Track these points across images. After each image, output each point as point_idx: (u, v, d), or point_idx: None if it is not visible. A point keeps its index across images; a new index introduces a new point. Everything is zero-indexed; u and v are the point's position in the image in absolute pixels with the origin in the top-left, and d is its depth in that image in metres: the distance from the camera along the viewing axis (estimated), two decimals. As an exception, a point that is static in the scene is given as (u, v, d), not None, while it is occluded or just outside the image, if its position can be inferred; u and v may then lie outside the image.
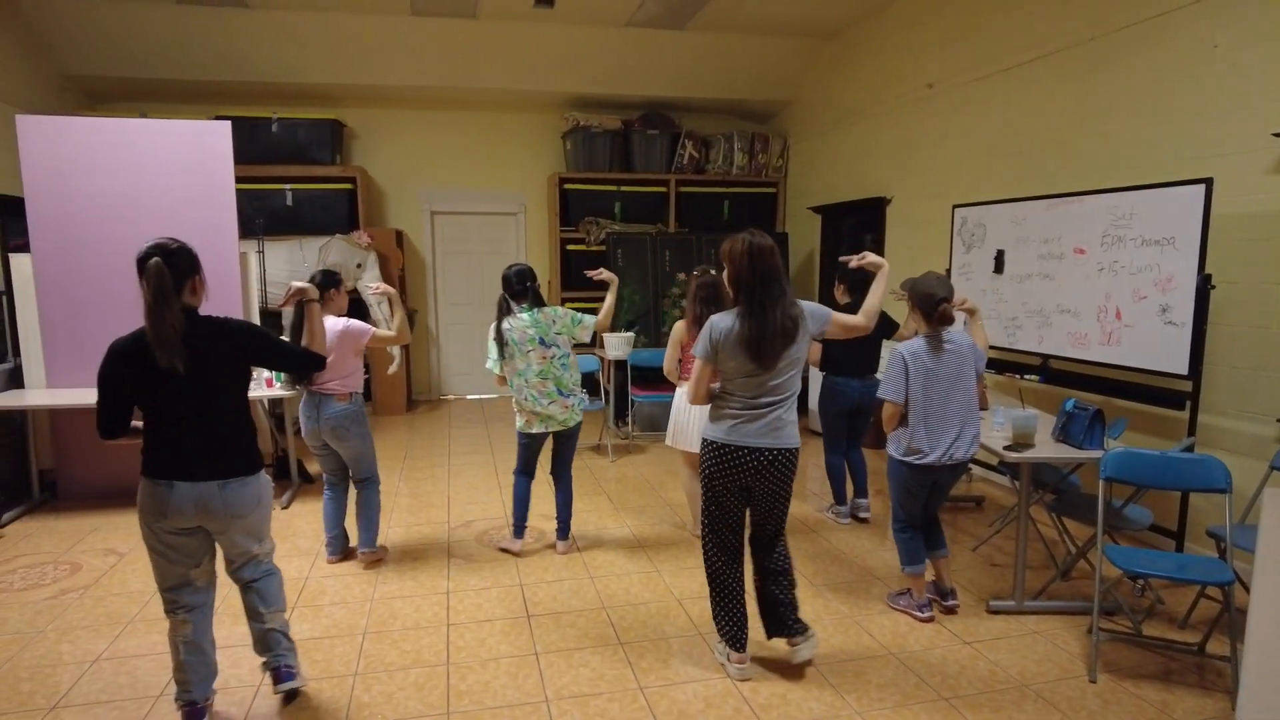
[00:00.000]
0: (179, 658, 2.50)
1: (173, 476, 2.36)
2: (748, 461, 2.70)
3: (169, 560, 2.45)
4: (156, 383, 2.33)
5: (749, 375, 2.67)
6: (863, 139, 6.87)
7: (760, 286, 2.63)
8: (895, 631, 3.24)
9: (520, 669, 2.92)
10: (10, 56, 6.03)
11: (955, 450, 3.15)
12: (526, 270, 3.89)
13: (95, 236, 4.77)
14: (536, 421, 3.88)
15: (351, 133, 8.00)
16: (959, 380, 3.15)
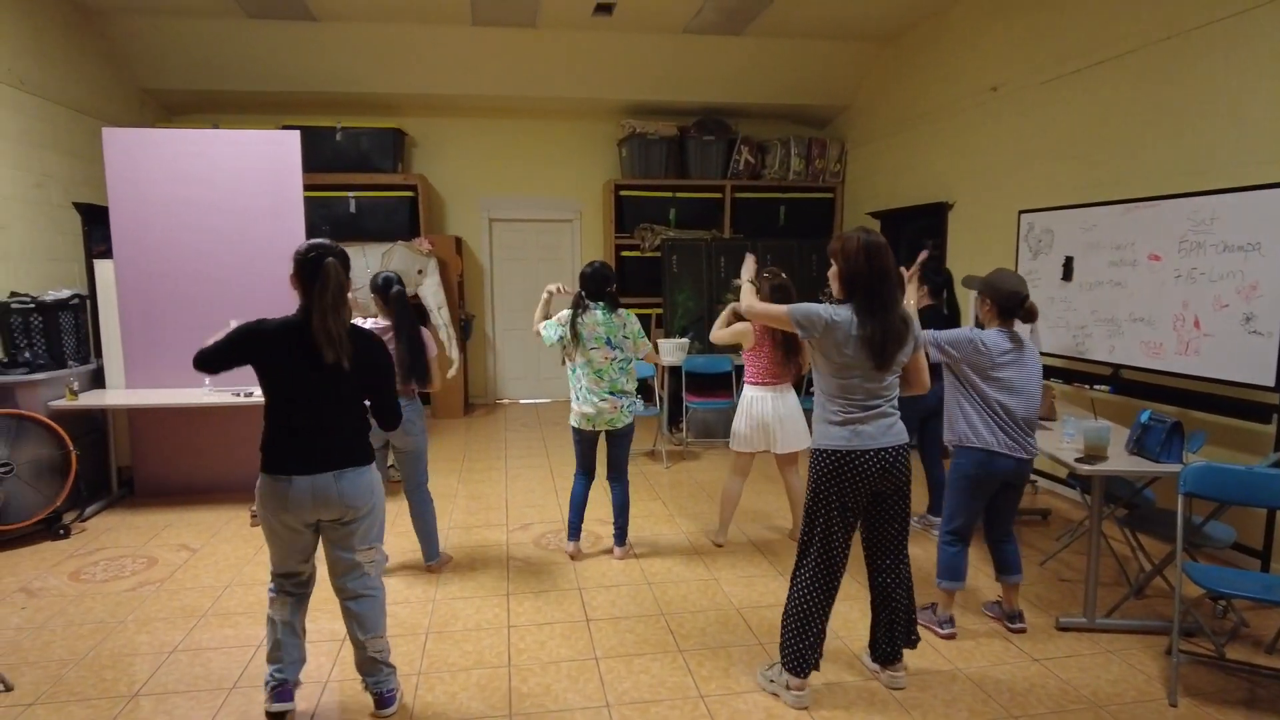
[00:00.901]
0: (275, 636, 2.61)
1: (291, 471, 2.45)
2: (873, 465, 2.60)
3: (281, 550, 2.57)
4: (297, 374, 2.45)
5: (865, 376, 2.59)
6: (923, 143, 6.76)
7: (879, 285, 2.55)
8: (960, 647, 3.16)
9: (581, 673, 2.94)
10: (96, 73, 6.31)
11: (1022, 441, 3.04)
12: (606, 271, 3.93)
13: (172, 243, 4.96)
14: (585, 419, 3.92)
15: (412, 141, 8.16)
16: (1029, 384, 3.06)
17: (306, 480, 2.45)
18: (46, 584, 3.79)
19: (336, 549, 2.59)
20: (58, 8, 5.79)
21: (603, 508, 4.65)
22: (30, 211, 5.40)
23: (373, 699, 2.69)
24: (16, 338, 4.93)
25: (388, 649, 2.71)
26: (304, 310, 2.47)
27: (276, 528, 2.52)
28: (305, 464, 2.46)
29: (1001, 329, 3.09)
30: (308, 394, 2.47)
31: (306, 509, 2.47)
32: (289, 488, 2.44)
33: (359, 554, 2.60)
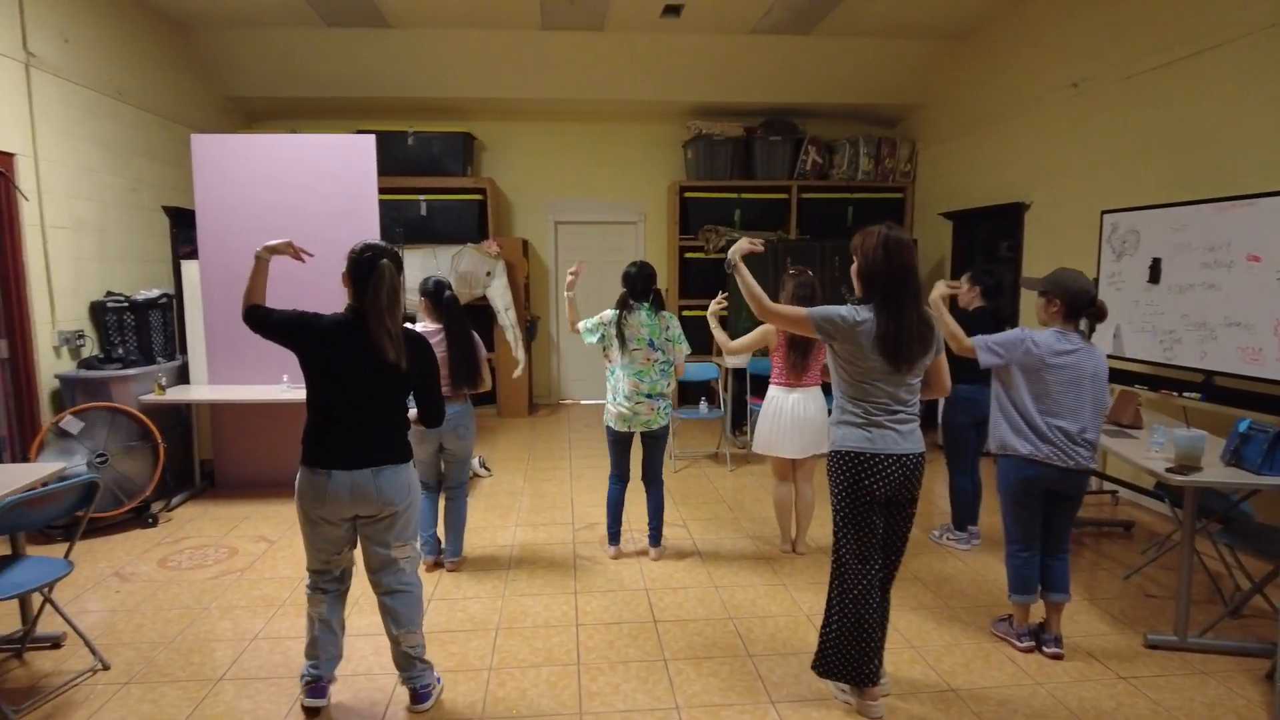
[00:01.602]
0: (313, 633, 2.67)
1: (331, 465, 2.49)
2: (894, 471, 2.52)
3: (317, 547, 2.62)
4: (345, 370, 2.50)
5: (886, 378, 2.52)
6: (999, 142, 6.57)
7: (897, 282, 2.47)
8: (1040, 662, 3.05)
9: (650, 674, 2.93)
10: (185, 83, 6.58)
11: (1068, 455, 2.90)
12: (650, 272, 3.92)
13: (252, 244, 5.07)
14: (621, 420, 3.90)
15: (481, 145, 8.29)
16: (1090, 381, 2.92)
17: (346, 476, 2.49)
18: (137, 569, 3.96)
19: (373, 545, 2.62)
20: (151, 22, 6.06)
21: (668, 510, 4.65)
22: (125, 215, 5.66)
23: (409, 694, 2.72)
24: (111, 335, 5.17)
25: (423, 645, 2.73)
26: (353, 309, 2.53)
27: (313, 520, 2.56)
28: (345, 459, 2.50)
29: (1062, 330, 2.97)
30: (354, 390, 2.51)
31: (344, 504, 2.51)
32: (328, 482, 2.48)
33: (394, 550, 2.63)
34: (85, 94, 5.20)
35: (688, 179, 8.12)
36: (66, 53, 5.02)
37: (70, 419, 4.47)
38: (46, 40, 4.83)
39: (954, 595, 3.65)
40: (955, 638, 3.24)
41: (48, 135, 4.83)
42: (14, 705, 2.70)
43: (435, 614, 3.44)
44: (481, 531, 4.51)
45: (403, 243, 6.79)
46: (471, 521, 4.67)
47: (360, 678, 2.92)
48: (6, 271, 4.57)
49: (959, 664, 3.02)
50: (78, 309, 5.08)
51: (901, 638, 3.22)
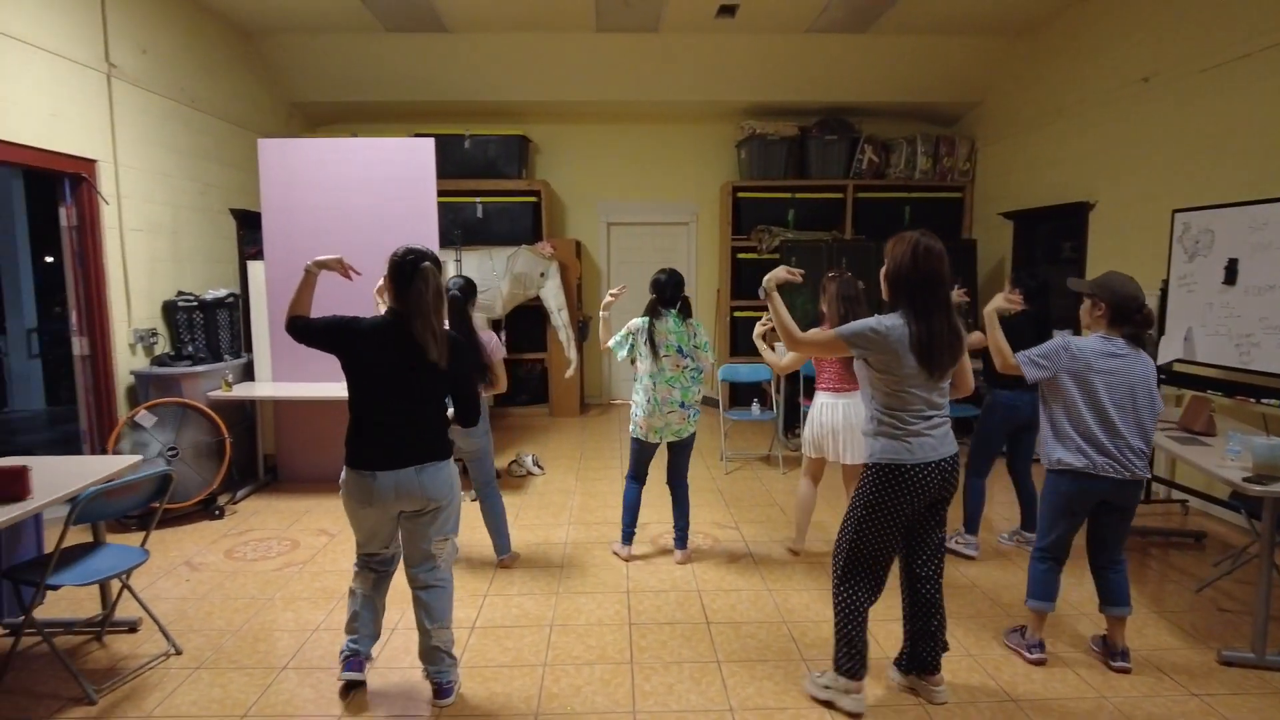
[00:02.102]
0: (354, 608, 2.78)
1: (375, 467, 2.57)
2: (933, 478, 2.52)
3: (364, 534, 2.74)
4: (386, 371, 2.56)
5: (921, 384, 2.50)
6: (1062, 140, 6.39)
7: (924, 289, 2.47)
8: (1105, 674, 2.96)
9: (703, 675, 2.92)
10: (252, 89, 6.80)
11: (1121, 466, 2.82)
12: (679, 278, 3.92)
13: (315, 245, 5.24)
14: (652, 432, 3.88)
15: (536, 147, 8.38)
16: (1136, 393, 2.83)
17: (390, 476, 2.56)
18: (206, 559, 4.10)
19: (412, 539, 2.69)
20: (222, 32, 6.27)
21: (711, 510, 4.63)
22: (196, 218, 5.88)
23: (431, 688, 2.76)
24: (181, 333, 5.37)
25: (451, 640, 2.77)
26: (393, 312, 2.60)
27: (360, 516, 2.66)
28: (389, 460, 2.56)
29: (1107, 335, 2.90)
30: (396, 392, 2.57)
31: (390, 502, 2.59)
32: (373, 483, 2.56)
33: (434, 545, 2.69)
34: (161, 102, 5.41)
35: (740, 179, 8.09)
36: (144, 63, 5.23)
37: (144, 413, 4.65)
38: (126, 51, 5.04)
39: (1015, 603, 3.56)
40: (1008, 650, 3.15)
41: (126, 142, 5.04)
42: (96, 685, 2.83)
43: (490, 609, 3.49)
44: (535, 529, 4.56)
45: (460, 244, 6.89)
46: (525, 519, 4.73)
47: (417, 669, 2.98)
48: (89, 272, 4.79)
49: (1019, 673, 2.95)
50: (151, 308, 5.28)
51: (959, 645, 3.16)
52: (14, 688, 2.87)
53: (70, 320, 4.82)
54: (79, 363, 4.83)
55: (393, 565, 2.85)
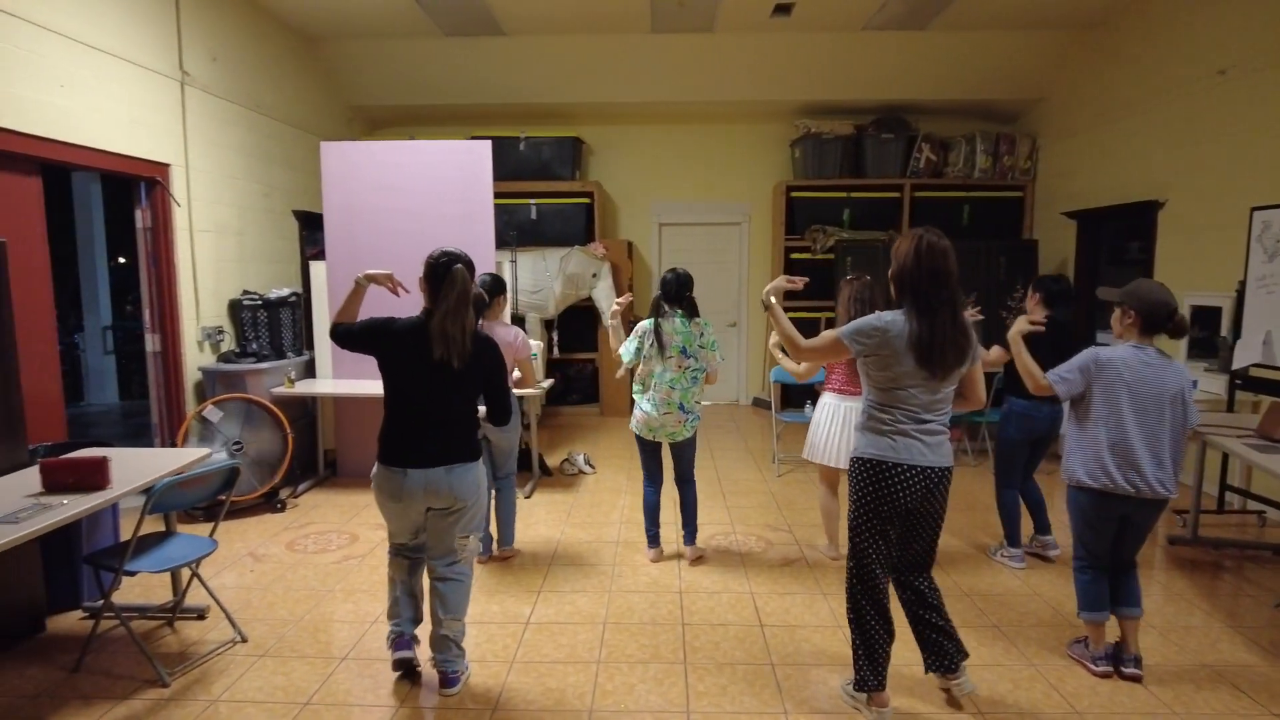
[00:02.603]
0: (394, 594, 2.89)
1: (406, 465, 2.65)
2: (915, 482, 2.47)
3: (394, 526, 2.83)
4: (418, 371, 2.62)
5: (918, 385, 2.45)
6: (1130, 136, 6.18)
7: (927, 285, 2.41)
8: (1178, 691, 2.84)
9: (757, 678, 2.90)
10: (314, 94, 6.99)
11: (1143, 484, 2.75)
12: (687, 278, 3.92)
13: (375, 246, 5.39)
14: (647, 429, 3.89)
15: (589, 149, 8.43)
16: (1166, 405, 2.75)
17: (420, 474, 2.64)
18: (269, 551, 4.22)
19: (437, 534, 2.77)
20: (286, 38, 6.45)
21: (770, 513, 4.58)
22: (260, 219, 6.06)
23: (438, 677, 2.83)
24: (246, 331, 5.54)
25: (462, 632, 2.84)
26: (426, 312, 2.66)
27: (390, 510, 2.75)
28: (420, 458, 2.64)
29: (1138, 344, 2.82)
30: (426, 391, 2.64)
31: (418, 499, 2.67)
32: (404, 479, 2.64)
33: (457, 540, 2.77)
34: (229, 107, 5.59)
35: (795, 178, 8.02)
36: (214, 70, 5.41)
37: (211, 408, 4.81)
38: (198, 59, 5.23)
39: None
40: (1070, 663, 3.06)
41: (197, 146, 5.22)
42: (168, 669, 2.93)
43: (544, 605, 3.52)
44: (587, 527, 4.58)
45: (515, 245, 6.97)
46: (577, 517, 4.77)
47: (473, 663, 3.02)
48: (161, 272, 4.97)
49: (1084, 686, 2.86)
50: (218, 307, 5.46)
51: (1021, 656, 3.08)
52: (94, 668, 2.99)
53: (144, 318, 5.01)
54: (151, 359, 5.02)
55: (424, 553, 2.93)
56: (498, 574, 3.90)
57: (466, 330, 2.61)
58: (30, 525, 2.51)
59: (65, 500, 2.75)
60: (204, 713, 2.69)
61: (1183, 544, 4.28)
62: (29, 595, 3.27)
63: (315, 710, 2.70)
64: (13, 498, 2.80)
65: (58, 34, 4.08)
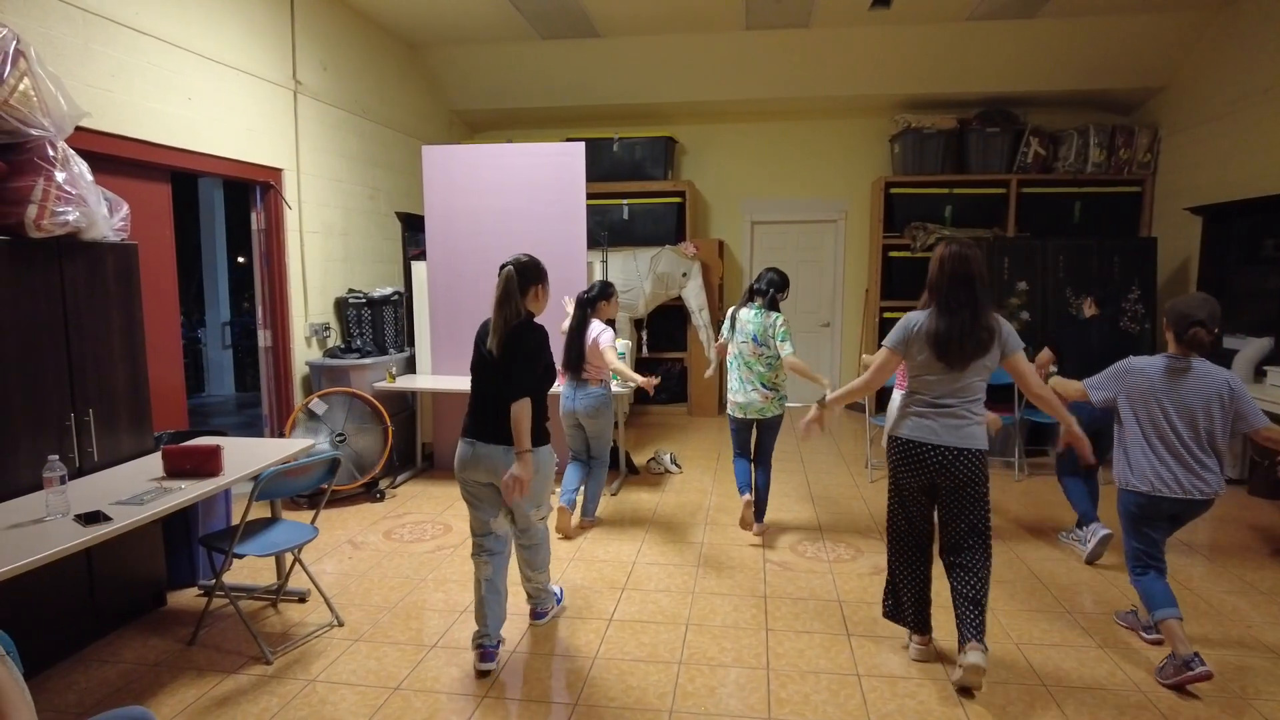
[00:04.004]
0: (479, 595, 3.01)
1: (475, 438, 2.95)
2: (931, 458, 2.77)
3: (473, 507, 3.03)
4: (479, 360, 2.98)
5: (937, 374, 2.78)
6: (1265, 123, 5.70)
7: (947, 288, 2.75)
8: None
9: (842, 688, 2.83)
10: (418, 100, 7.24)
11: (1191, 485, 2.88)
12: (778, 280, 4.29)
13: (473, 246, 5.55)
14: (737, 408, 4.29)
15: (681, 148, 8.43)
16: (1202, 410, 2.87)
17: (485, 448, 2.91)
18: (367, 539, 4.40)
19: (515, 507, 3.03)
20: (390, 46, 6.71)
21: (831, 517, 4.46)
22: (365, 220, 6.33)
23: (530, 611, 3.36)
24: (351, 327, 5.79)
25: (547, 580, 3.32)
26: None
27: (465, 491, 3.01)
28: (484, 436, 2.92)
29: (1173, 354, 2.96)
30: (481, 378, 2.98)
31: (482, 472, 2.93)
32: (471, 450, 2.94)
33: (531, 513, 3.09)
34: (337, 113, 5.86)
35: (894, 174, 7.78)
36: (324, 78, 5.68)
37: (317, 401, 5.05)
38: (310, 68, 5.50)
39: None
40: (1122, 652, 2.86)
41: (307, 151, 5.49)
42: (271, 647, 3.10)
43: (627, 604, 3.54)
44: (672, 527, 4.58)
45: (606, 245, 7.03)
46: (661, 516, 4.77)
47: (557, 658, 3.06)
48: (273, 271, 5.26)
49: (1181, 708, 2.66)
50: (325, 304, 5.73)
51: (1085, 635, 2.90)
52: (207, 642, 3.19)
53: (257, 315, 5.31)
54: (263, 354, 5.31)
55: (500, 546, 3.07)
56: (583, 570, 3.94)
57: (507, 323, 2.88)
58: (153, 507, 2.70)
59: (184, 485, 2.95)
60: (302, 691, 2.83)
61: (1320, 568, 3.93)
62: (152, 572, 3.52)
63: (405, 695, 2.80)
64: (139, 481, 3.02)
65: (186, 50, 4.37)
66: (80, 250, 3.12)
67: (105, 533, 2.47)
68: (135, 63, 4.04)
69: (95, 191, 3.10)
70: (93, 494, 2.84)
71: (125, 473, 3.17)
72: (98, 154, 3.76)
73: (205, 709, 2.71)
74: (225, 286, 9.57)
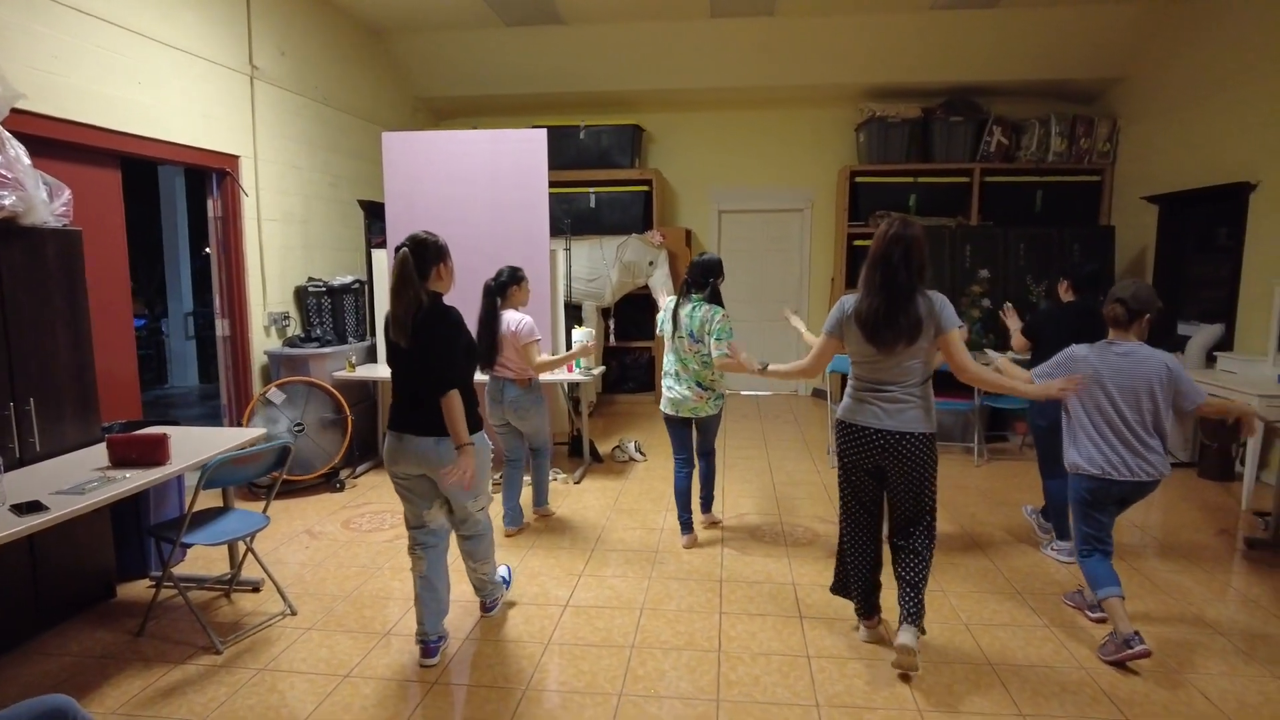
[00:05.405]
0: (416, 592, 2.94)
1: (401, 430, 2.81)
2: (874, 441, 2.77)
3: (406, 500, 2.94)
4: (392, 351, 2.81)
5: (869, 359, 2.78)
6: (1221, 113, 5.80)
7: (880, 268, 2.69)
8: (1237, 699, 2.68)
9: (792, 669, 2.86)
10: (377, 85, 7.15)
11: (1139, 467, 2.92)
12: (714, 265, 3.96)
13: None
14: (670, 404, 4.02)
15: (649, 137, 8.41)
16: (1146, 392, 2.92)
17: (413, 440, 2.78)
18: (324, 529, 4.36)
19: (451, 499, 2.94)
20: (352, 31, 6.62)
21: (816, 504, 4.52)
22: (325, 208, 6.25)
23: (480, 604, 3.30)
24: (310, 316, 5.73)
25: (493, 570, 3.25)
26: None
27: (396, 484, 2.92)
28: (411, 428, 2.78)
29: (1111, 340, 3.02)
30: (398, 369, 2.84)
31: (411, 464, 2.83)
32: (399, 444, 2.82)
33: (469, 504, 2.98)
34: (296, 99, 5.78)
35: (859, 163, 7.82)
36: (282, 64, 5.59)
37: (275, 390, 4.99)
38: (266, 54, 5.41)
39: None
40: (1139, 663, 2.92)
41: (264, 138, 5.41)
42: (222, 637, 3.07)
43: (584, 589, 3.54)
44: (635, 514, 4.59)
45: (570, 233, 7.01)
46: (625, 503, 4.78)
47: (510, 644, 3.06)
48: (231, 260, 5.18)
49: (1136, 692, 2.72)
50: (284, 293, 5.66)
51: (1071, 658, 2.95)
52: (155, 633, 3.15)
53: (215, 304, 5.23)
54: (221, 343, 5.24)
55: (435, 540, 2.97)
56: (541, 556, 3.94)
57: (409, 310, 2.69)
58: (94, 496, 2.66)
59: (129, 474, 2.90)
60: (251, 680, 2.80)
61: (1263, 547, 4.02)
62: (100, 563, 3.47)
63: (354, 683, 2.78)
64: (83, 471, 2.97)
65: (134, 32, 4.28)
66: (18, 236, 3.05)
67: (41, 523, 2.43)
68: (80, 45, 3.95)
69: (34, 175, 3.04)
70: (32, 484, 2.79)
71: (69, 463, 3.12)
72: (38, 137, 3.66)
73: (149, 700, 2.68)
74: (188, 276, 9.42)
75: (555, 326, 5.57)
